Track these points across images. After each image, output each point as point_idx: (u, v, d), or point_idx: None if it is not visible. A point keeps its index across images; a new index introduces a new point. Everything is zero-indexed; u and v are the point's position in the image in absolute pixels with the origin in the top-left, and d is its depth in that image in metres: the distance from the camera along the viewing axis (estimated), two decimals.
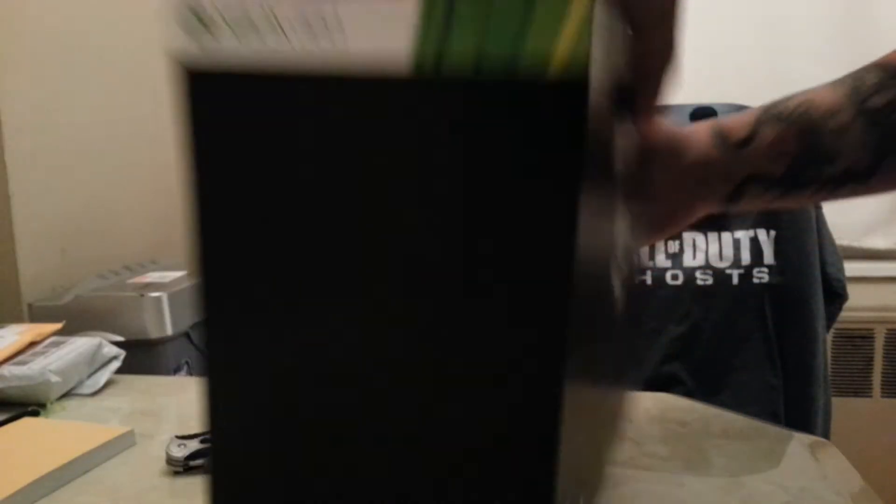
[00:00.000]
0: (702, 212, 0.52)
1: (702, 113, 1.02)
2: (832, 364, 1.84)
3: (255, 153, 0.29)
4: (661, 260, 1.00)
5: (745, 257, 0.98)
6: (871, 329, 1.84)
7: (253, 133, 0.29)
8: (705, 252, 0.98)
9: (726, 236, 0.98)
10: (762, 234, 0.98)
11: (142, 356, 0.96)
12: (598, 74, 0.27)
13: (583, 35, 0.25)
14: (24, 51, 1.07)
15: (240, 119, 0.29)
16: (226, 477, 0.33)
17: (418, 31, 0.27)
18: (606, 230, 0.34)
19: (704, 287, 0.98)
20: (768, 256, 0.98)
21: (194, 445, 0.56)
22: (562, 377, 0.28)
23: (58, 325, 0.81)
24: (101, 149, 1.23)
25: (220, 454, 0.33)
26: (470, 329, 0.28)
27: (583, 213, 0.27)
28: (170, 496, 0.53)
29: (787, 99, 0.51)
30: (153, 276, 1.08)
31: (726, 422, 0.62)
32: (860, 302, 1.80)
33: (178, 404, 0.73)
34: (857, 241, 1.86)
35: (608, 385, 0.41)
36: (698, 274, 0.98)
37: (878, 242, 1.87)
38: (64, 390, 0.73)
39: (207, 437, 0.33)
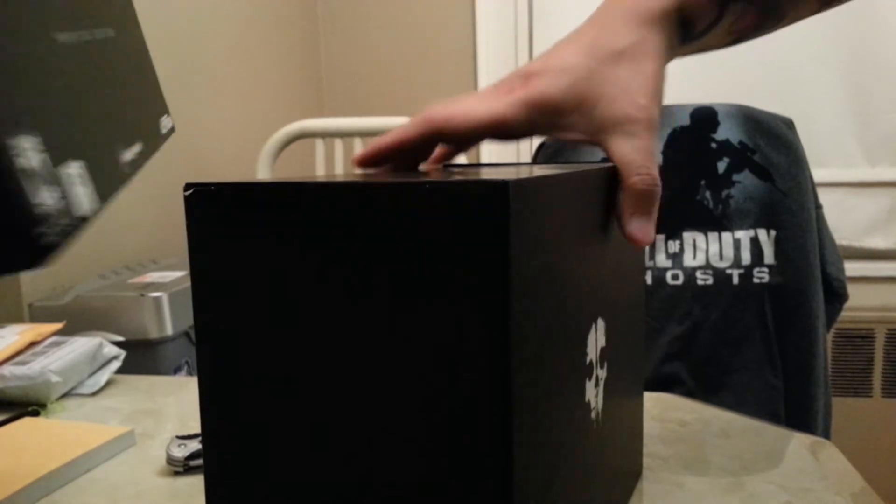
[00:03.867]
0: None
1: (702, 113, 1.02)
2: (832, 364, 1.83)
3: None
4: (662, 260, 1.00)
5: (746, 257, 0.98)
6: (872, 329, 1.84)
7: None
8: (706, 252, 0.98)
9: (726, 236, 0.98)
10: (762, 234, 0.98)
11: (142, 356, 0.96)
12: None
13: None
14: None
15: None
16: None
17: None
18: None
19: (705, 287, 0.98)
20: (769, 256, 0.98)
21: (194, 445, 0.56)
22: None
23: (58, 325, 0.81)
24: None
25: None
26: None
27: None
28: (170, 496, 0.53)
29: None
30: (153, 276, 1.08)
31: (726, 422, 0.62)
32: (860, 302, 1.81)
33: (178, 404, 0.73)
34: (857, 241, 1.86)
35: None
36: (699, 274, 0.98)
37: (879, 242, 1.87)
38: (64, 390, 0.73)
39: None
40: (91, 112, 0.39)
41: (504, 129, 0.42)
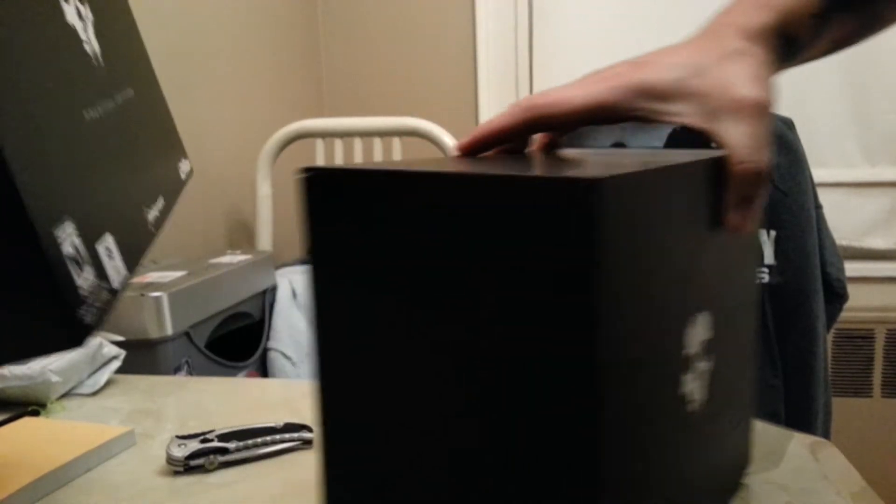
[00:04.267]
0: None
1: None
2: (832, 364, 1.83)
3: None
4: None
5: None
6: (872, 329, 1.84)
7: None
8: None
9: None
10: (763, 235, 0.98)
11: (142, 356, 0.96)
12: None
13: None
14: None
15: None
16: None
17: None
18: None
19: None
20: (769, 256, 0.98)
21: (194, 445, 0.56)
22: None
23: None
24: None
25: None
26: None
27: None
28: (170, 496, 0.53)
29: None
30: (153, 276, 1.08)
31: None
32: (860, 302, 1.80)
33: (178, 404, 0.72)
34: (857, 242, 1.86)
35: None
36: None
37: (879, 243, 1.87)
38: (64, 390, 0.73)
39: (207, 436, 0.34)
40: (117, 181, 0.41)
41: (606, 113, 0.42)
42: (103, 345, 0.78)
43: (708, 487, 0.44)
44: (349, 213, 0.34)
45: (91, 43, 0.41)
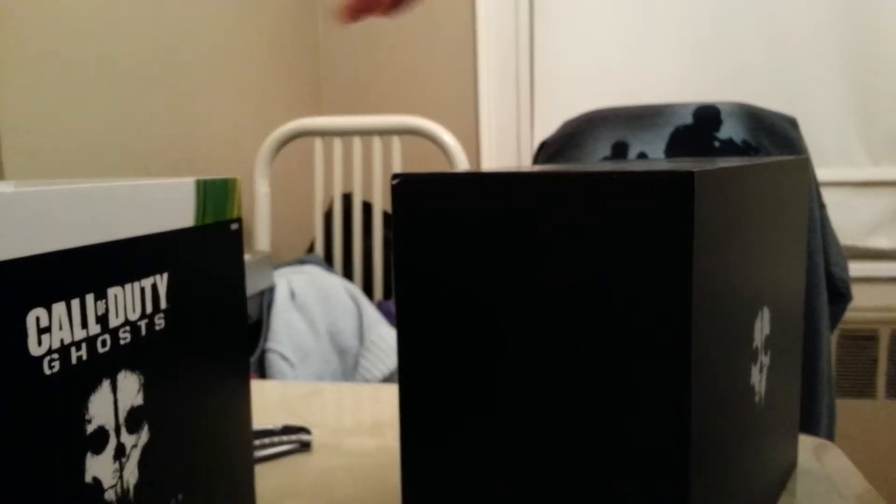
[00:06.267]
0: None
1: (705, 111, 1.01)
2: (836, 365, 1.83)
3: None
4: None
5: None
6: (876, 330, 1.83)
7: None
8: None
9: None
10: None
11: None
12: None
13: None
14: (24, 51, 1.07)
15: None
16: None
17: None
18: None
19: None
20: None
21: None
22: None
23: None
24: (101, 149, 1.22)
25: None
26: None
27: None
28: None
29: None
30: None
31: None
32: (865, 302, 1.80)
33: None
34: (861, 241, 1.85)
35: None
36: None
37: (883, 242, 1.86)
38: None
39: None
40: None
41: None
42: None
43: (764, 484, 0.45)
44: (438, 218, 0.35)
45: None
